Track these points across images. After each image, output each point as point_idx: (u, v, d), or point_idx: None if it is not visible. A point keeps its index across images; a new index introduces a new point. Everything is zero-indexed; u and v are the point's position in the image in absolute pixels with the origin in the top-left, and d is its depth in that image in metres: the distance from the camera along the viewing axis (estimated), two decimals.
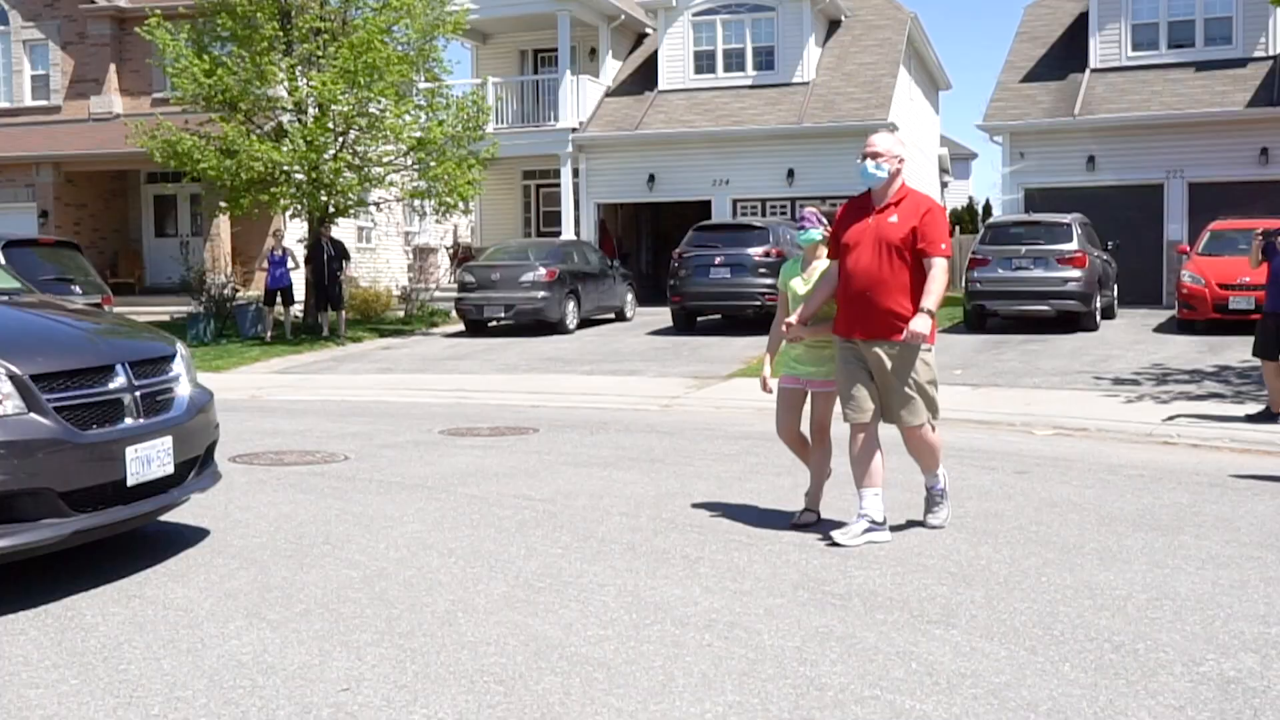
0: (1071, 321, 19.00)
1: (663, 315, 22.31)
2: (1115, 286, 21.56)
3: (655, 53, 29.70)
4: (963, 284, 20.20)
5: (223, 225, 25.82)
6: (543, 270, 20.67)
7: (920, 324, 6.22)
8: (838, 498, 7.11)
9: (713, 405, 12.26)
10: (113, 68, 28.07)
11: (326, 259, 20.49)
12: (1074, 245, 18.89)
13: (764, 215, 26.87)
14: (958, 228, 43.39)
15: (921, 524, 6.82)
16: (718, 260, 19.84)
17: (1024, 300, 19.12)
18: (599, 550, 6.32)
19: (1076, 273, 18.70)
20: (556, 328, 20.78)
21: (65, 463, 5.42)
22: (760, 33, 28.68)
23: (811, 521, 6.85)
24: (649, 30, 30.74)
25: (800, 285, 6.79)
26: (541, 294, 20.52)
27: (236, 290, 23.62)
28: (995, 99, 26.77)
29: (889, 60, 28.69)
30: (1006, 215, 24.04)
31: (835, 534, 6.40)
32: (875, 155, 6.54)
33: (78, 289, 13.17)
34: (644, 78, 30.00)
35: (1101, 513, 7.21)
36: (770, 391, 6.97)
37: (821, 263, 6.78)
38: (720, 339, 19.07)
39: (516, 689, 4.38)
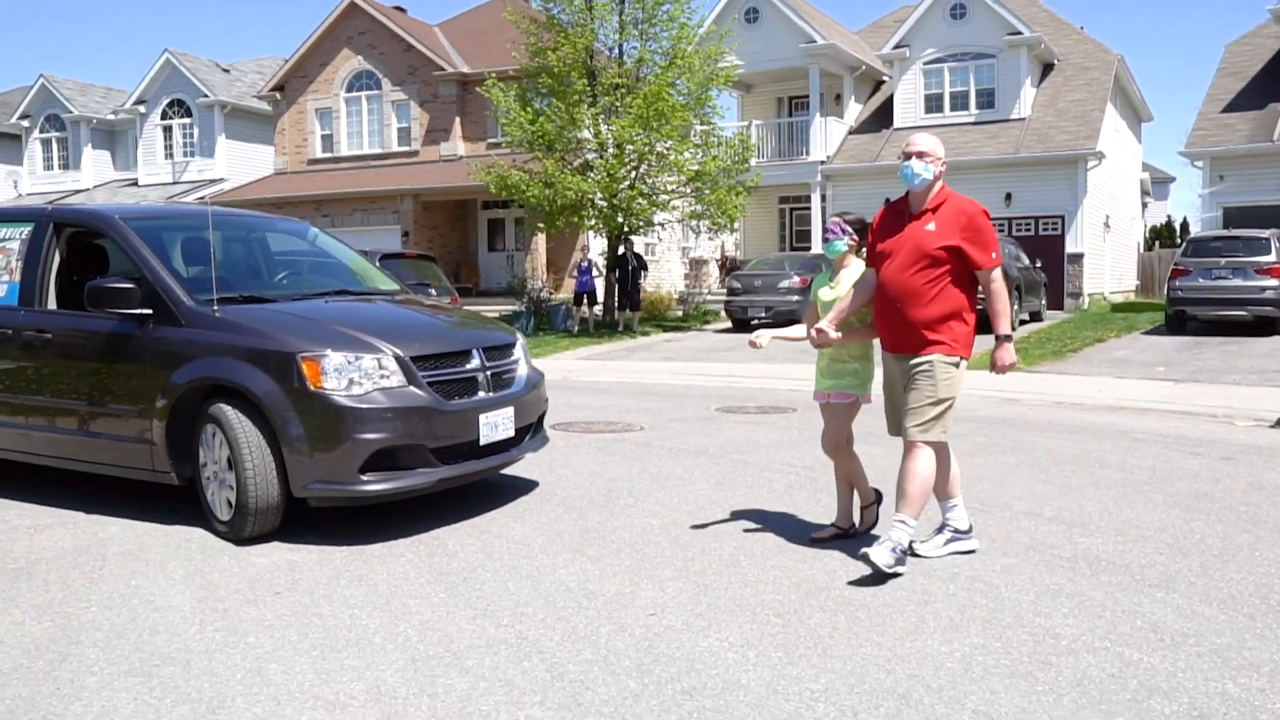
0: (1268, 326, 17.45)
1: None
2: None
3: (891, 96, 28.92)
4: (1164, 292, 18.93)
5: (540, 241, 26.72)
6: (796, 278, 20.46)
7: (1005, 355, 5.03)
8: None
9: None
10: (457, 120, 29.37)
11: (630, 269, 20.99)
12: (1271, 257, 17.32)
13: None
14: (1157, 242, 40.60)
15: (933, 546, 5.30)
16: None
17: (1223, 306, 17.68)
18: None
19: (1273, 282, 17.17)
20: None
21: (434, 425, 5.68)
22: (982, 77, 27.50)
23: (830, 536, 5.55)
24: (885, 77, 29.96)
25: (828, 294, 5.40)
26: (795, 297, 20.25)
27: (550, 293, 24.40)
28: (1197, 128, 24.83)
29: (1097, 97, 27.01)
30: (1206, 231, 22.26)
31: (918, 546, 5.16)
32: (921, 155, 4.99)
33: (434, 291, 13.77)
34: (881, 118, 29.29)
35: None
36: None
37: (852, 271, 5.36)
38: None
39: (791, 622, 4.33)
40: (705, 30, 23.32)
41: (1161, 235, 42.65)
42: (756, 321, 21.05)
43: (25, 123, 37.25)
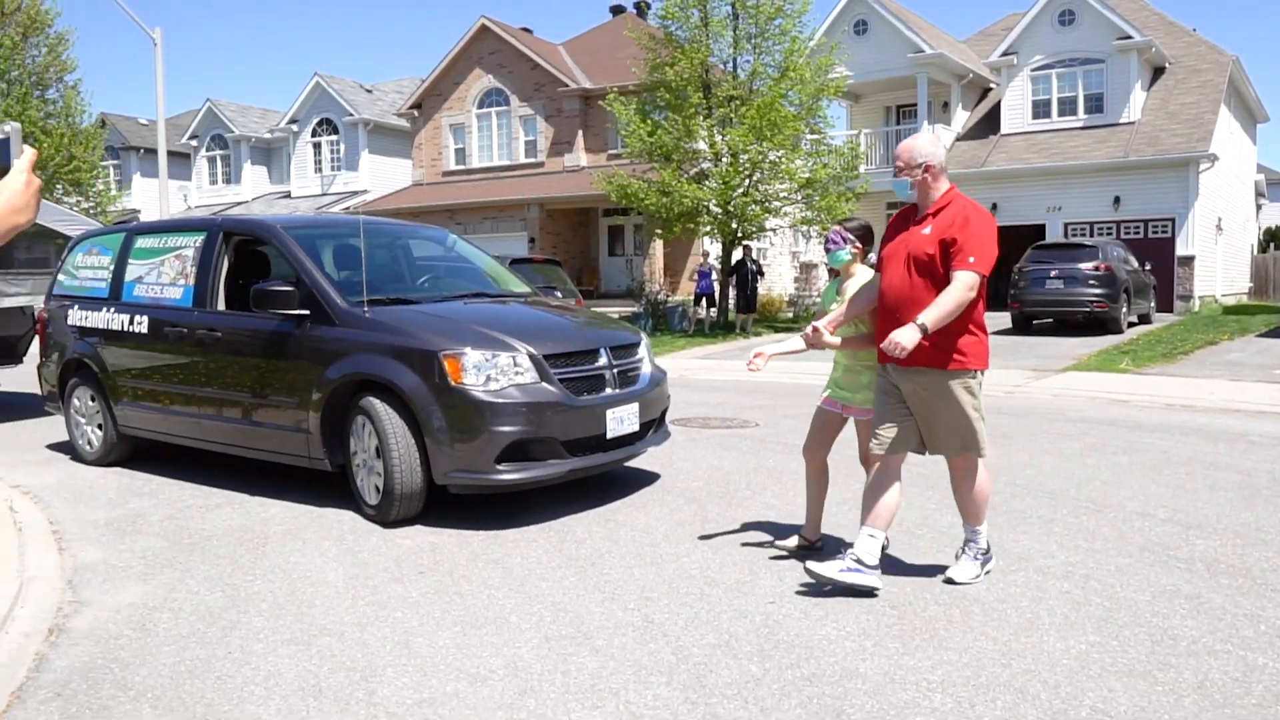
0: None
1: (1000, 319, 21.06)
2: None
3: (998, 103, 28.11)
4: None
5: (657, 247, 26.78)
6: None
7: (903, 335, 4.21)
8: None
9: (1050, 394, 11.44)
10: (580, 133, 29.63)
11: (748, 273, 20.90)
12: None
13: (1092, 236, 24.87)
14: (1271, 245, 38.55)
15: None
16: (1053, 273, 18.51)
17: None
18: None
19: None
20: None
21: (565, 420, 5.74)
22: (1091, 81, 26.51)
23: (795, 547, 5.12)
24: (993, 85, 29.12)
25: (837, 305, 4.93)
26: None
27: (667, 295, 24.43)
28: None
29: (1210, 99, 25.77)
30: None
31: (810, 563, 4.57)
32: (898, 169, 4.52)
33: (559, 293, 13.96)
34: (988, 124, 28.48)
35: None
36: (755, 369, 4.95)
37: (858, 280, 4.90)
38: (1054, 339, 17.78)
39: (907, 614, 4.24)
40: (816, 43, 23.06)
41: (1277, 237, 40.51)
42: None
43: (194, 142, 39.02)
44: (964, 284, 4.26)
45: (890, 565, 4.86)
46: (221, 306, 6.93)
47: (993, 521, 5.59)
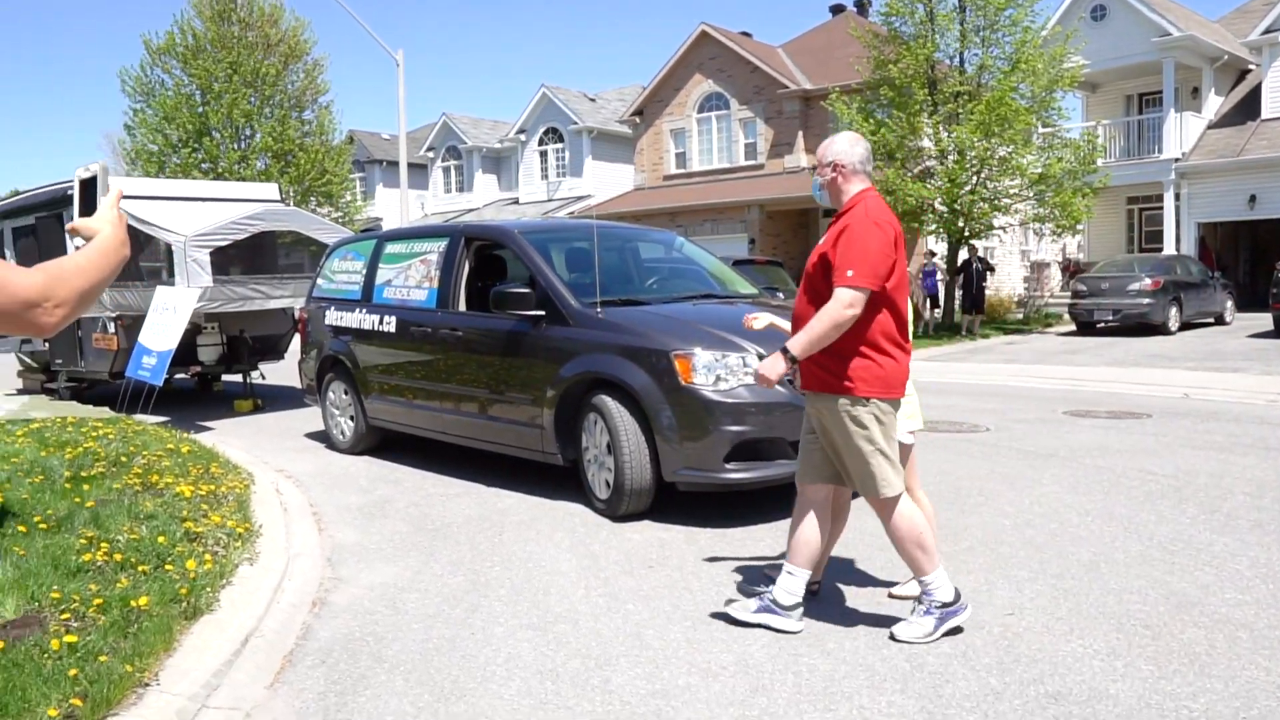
0: None
1: (1261, 321, 19.38)
2: None
3: (1258, 86, 25.76)
4: None
5: None
6: (1148, 280, 18.80)
7: (766, 366, 3.91)
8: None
9: None
10: (800, 134, 29.37)
11: (976, 272, 20.15)
12: None
13: None
14: None
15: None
16: None
17: None
18: (1226, 523, 5.54)
19: None
20: (1159, 329, 18.76)
21: (793, 420, 5.65)
22: None
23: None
24: (1251, 66, 26.73)
25: None
26: (1147, 300, 18.68)
27: None
28: None
29: None
30: None
31: (730, 605, 4.20)
32: (813, 168, 4.15)
33: (781, 294, 13.85)
34: (1246, 109, 26.14)
35: None
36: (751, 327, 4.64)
37: None
38: None
39: (1162, 635, 3.95)
40: (1049, 32, 21.86)
41: None
42: (1103, 325, 19.50)
43: (430, 154, 41.38)
44: (839, 302, 3.75)
45: (1153, 583, 4.54)
46: (463, 308, 7.31)
47: (1259, 541, 5.14)
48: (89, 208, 2.01)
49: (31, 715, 3.22)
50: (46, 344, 12.54)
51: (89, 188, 2.03)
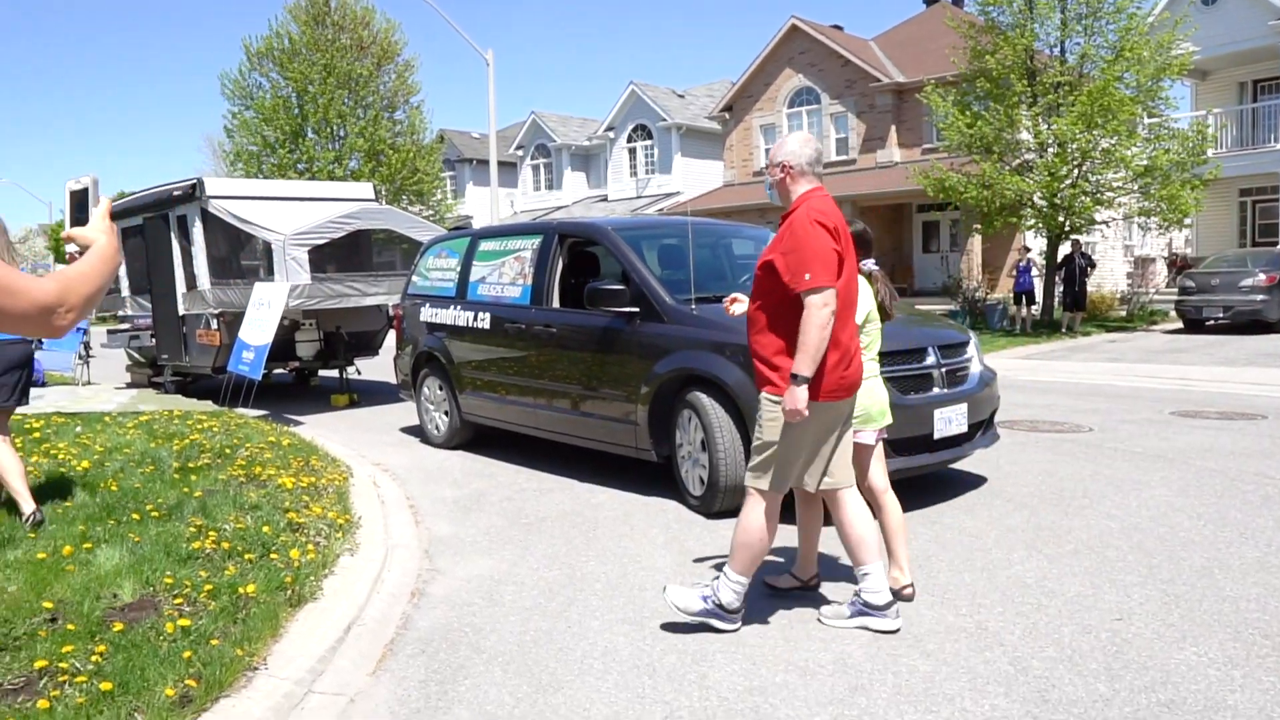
0: None
1: None
2: None
3: None
4: None
5: (975, 242, 25.70)
6: (1262, 276, 18.04)
7: (792, 398, 3.82)
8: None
9: None
10: (893, 128, 28.97)
11: (1076, 267, 19.61)
12: None
13: None
14: None
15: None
16: None
17: None
18: None
19: None
20: (1273, 327, 18.00)
21: (898, 419, 5.62)
22: None
23: (788, 587, 4.60)
24: None
25: None
26: (1260, 297, 17.94)
27: (985, 293, 23.37)
28: None
29: None
30: None
31: (822, 613, 4.22)
32: (766, 168, 4.22)
33: None
34: None
35: None
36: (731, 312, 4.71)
37: None
38: None
39: None
40: (1155, 18, 21.15)
41: None
42: (1212, 322, 18.81)
43: (519, 152, 41.88)
44: (811, 308, 3.78)
45: (1273, 591, 4.38)
46: (556, 304, 7.39)
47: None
48: (81, 217, 2.11)
49: (150, 694, 3.37)
50: (154, 339, 13.06)
51: (80, 199, 2.12)
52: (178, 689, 3.42)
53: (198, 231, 11.59)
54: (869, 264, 4.52)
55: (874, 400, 4.45)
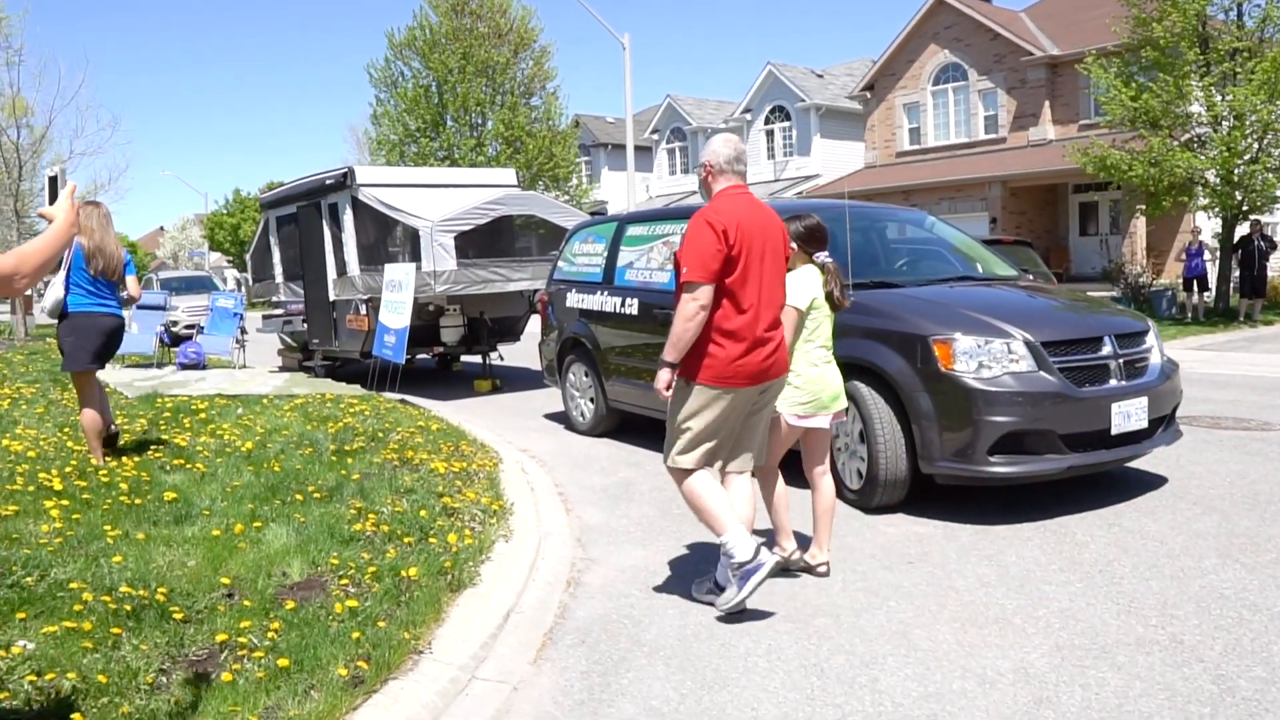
0: None
1: None
2: None
3: None
4: None
5: (1138, 224, 24.50)
6: None
7: (658, 379, 4.22)
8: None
9: None
10: (1046, 104, 27.84)
11: (1256, 250, 18.43)
12: None
13: None
14: None
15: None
16: None
17: None
18: None
19: None
20: None
21: (1064, 412, 5.38)
22: None
23: (802, 567, 4.82)
24: None
25: None
26: None
27: (1151, 278, 22.25)
28: None
29: None
30: None
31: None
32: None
33: (1031, 277, 13.15)
34: None
35: None
36: None
37: (795, 276, 4.64)
38: None
39: None
40: None
41: None
42: None
43: (655, 136, 41.94)
44: (683, 300, 4.13)
45: None
46: None
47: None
48: (54, 197, 2.66)
49: (324, 673, 3.46)
50: (305, 324, 13.57)
51: (54, 183, 2.69)
52: (349, 669, 3.51)
53: (348, 219, 11.97)
54: (822, 256, 4.76)
55: (826, 386, 4.68)
